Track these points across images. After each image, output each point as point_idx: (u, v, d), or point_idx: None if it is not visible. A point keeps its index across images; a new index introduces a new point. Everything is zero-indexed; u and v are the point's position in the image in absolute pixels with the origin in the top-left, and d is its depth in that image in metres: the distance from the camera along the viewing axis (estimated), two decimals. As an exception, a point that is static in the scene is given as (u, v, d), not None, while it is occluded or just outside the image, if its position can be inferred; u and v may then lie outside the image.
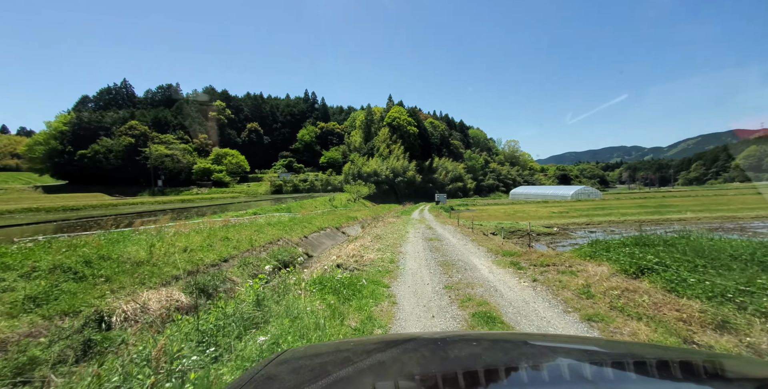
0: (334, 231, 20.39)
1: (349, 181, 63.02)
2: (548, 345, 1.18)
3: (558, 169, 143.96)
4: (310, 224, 18.56)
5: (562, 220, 22.05)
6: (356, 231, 23.96)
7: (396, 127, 79.75)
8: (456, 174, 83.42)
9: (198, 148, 71.42)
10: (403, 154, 75.18)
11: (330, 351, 1.24)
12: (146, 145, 60.04)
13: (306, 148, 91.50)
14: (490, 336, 1.45)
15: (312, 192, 65.54)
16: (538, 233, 15.53)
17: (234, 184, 68.37)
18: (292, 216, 19.52)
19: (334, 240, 18.51)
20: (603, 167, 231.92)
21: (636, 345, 1.44)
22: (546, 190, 60.65)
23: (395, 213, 30.92)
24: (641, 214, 24.11)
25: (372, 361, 1.02)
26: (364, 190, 53.70)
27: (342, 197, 46.63)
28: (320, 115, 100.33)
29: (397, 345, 1.17)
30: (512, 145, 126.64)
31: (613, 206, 33.02)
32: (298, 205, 26.95)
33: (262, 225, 13.78)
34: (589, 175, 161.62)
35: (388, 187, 66.80)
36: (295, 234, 15.22)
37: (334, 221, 22.83)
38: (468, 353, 1.06)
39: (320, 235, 17.91)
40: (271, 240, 12.50)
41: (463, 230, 14.58)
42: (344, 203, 44.53)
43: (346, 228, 23.01)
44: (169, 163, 61.72)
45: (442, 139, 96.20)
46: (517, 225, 17.41)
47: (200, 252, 8.95)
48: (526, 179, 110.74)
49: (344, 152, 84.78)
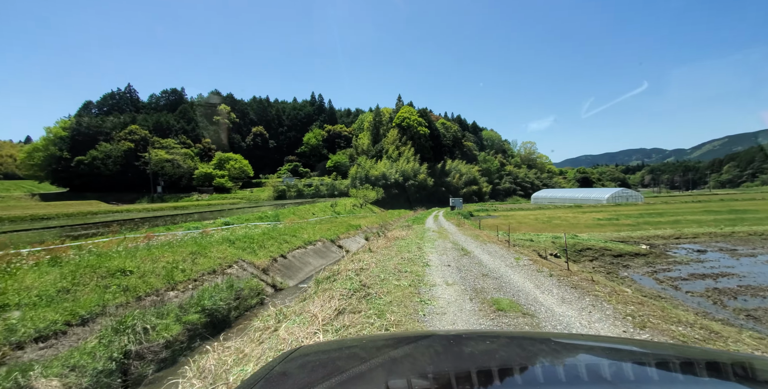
0: (327, 246, 15.91)
1: (356, 185, 58.82)
2: (566, 342, 1.12)
3: (578, 171, 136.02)
4: (295, 237, 14.15)
5: (623, 231, 16.91)
6: (358, 244, 19.41)
7: (406, 127, 75.52)
8: (470, 177, 78.14)
9: (200, 153, 69.01)
10: (414, 156, 70.66)
11: (343, 348, 1.22)
12: (146, 150, 57.76)
13: (312, 151, 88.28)
14: (506, 334, 1.39)
15: (317, 197, 61.70)
16: (618, 253, 10.58)
17: (236, 190, 65.31)
18: (272, 227, 15.17)
19: (324, 259, 14.01)
20: (623, 170, 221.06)
21: (658, 345, 1.36)
22: (576, 193, 54.51)
23: (405, 222, 26.19)
24: (724, 223, 18.64)
25: (385, 358, 0.99)
26: (372, 195, 49.30)
27: (347, 202, 42.31)
28: (327, 118, 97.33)
29: (410, 342, 1.15)
30: (528, 147, 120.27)
31: (671, 211, 27.33)
32: (290, 212, 22.69)
33: (210, 244, 9.40)
34: (609, 178, 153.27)
35: (398, 191, 62.21)
36: (266, 254, 10.81)
37: (331, 231, 18.41)
38: (483, 350, 1.03)
39: (306, 252, 13.44)
40: (216, 269, 8.11)
41: (513, 250, 9.84)
42: (349, 209, 40.18)
43: (345, 240, 18.50)
44: (170, 168, 59.21)
45: (454, 140, 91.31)
46: (577, 238, 12.49)
47: (32, 309, 4.60)
48: (545, 182, 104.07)
49: (351, 155, 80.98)
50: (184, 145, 66.39)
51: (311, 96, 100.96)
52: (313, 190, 65.47)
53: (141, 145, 59.34)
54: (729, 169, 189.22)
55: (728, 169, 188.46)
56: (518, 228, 21.93)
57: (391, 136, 74.99)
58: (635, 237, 13.71)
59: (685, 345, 1.66)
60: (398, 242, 11.48)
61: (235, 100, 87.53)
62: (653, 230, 15.45)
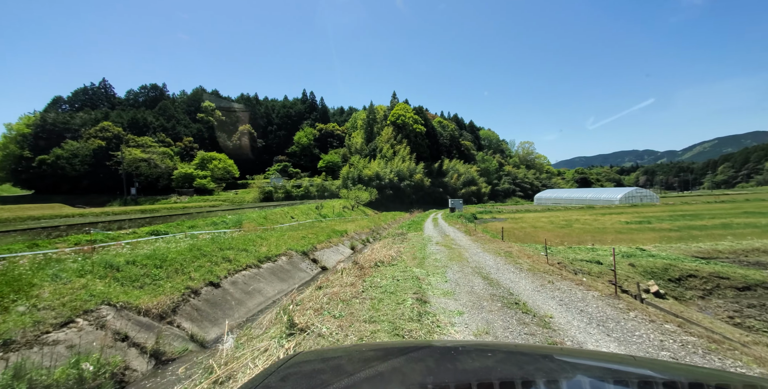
0: (295, 261, 11.89)
1: (348, 186, 54.83)
2: (569, 360, 1.09)
3: (577, 172, 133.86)
4: (246, 251, 10.14)
5: (679, 240, 13.21)
6: (340, 256, 15.37)
7: (401, 125, 71.85)
8: (469, 177, 74.66)
9: (181, 152, 64.39)
10: (410, 155, 66.94)
11: (343, 355, 1.23)
12: (119, 149, 53.07)
13: (303, 151, 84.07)
14: (505, 348, 1.37)
15: (306, 199, 57.52)
16: (743, 284, 6.65)
17: (219, 191, 60.75)
18: (214, 238, 11.09)
19: (286, 282, 9.99)
20: (617, 171, 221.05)
21: (667, 365, 1.30)
22: (584, 193, 51.04)
23: (398, 228, 22.26)
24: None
25: (385, 367, 0.99)
26: (365, 196, 45.35)
27: (335, 204, 38.26)
28: (319, 117, 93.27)
29: (409, 352, 1.15)
30: (527, 147, 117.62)
31: (707, 213, 23.81)
32: (260, 216, 18.60)
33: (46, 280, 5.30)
34: (606, 178, 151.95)
35: (393, 192, 58.31)
36: (176, 286, 6.76)
37: (306, 240, 14.43)
38: (483, 364, 1.03)
39: (257, 274, 9.40)
40: (19, 338, 4.02)
41: (594, 285, 5.98)
42: (338, 211, 36.15)
43: (324, 252, 14.50)
44: (146, 168, 54.54)
45: (451, 139, 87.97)
46: (651, 255, 8.63)
47: None
48: (544, 183, 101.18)
49: (344, 155, 77.00)
50: (163, 144, 61.78)
51: (302, 93, 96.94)
52: (303, 191, 61.24)
53: (114, 143, 54.66)
54: (724, 169, 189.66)
55: (723, 170, 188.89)
56: (536, 234, 18.17)
57: (385, 135, 71.22)
58: (725, 252, 9.92)
59: (695, 366, 1.55)
60: (381, 273, 6.96)
61: (221, 97, 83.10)
62: (727, 242, 11.46)
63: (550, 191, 66.73)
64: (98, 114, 58.38)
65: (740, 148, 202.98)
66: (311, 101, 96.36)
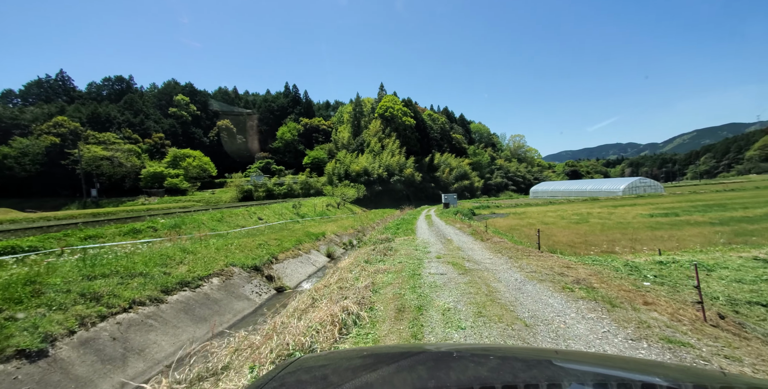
0: (237, 282, 8.33)
1: (334, 183, 51.08)
2: (568, 366, 1.07)
3: (567, 164, 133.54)
4: (144, 278, 6.47)
5: (726, 236, 10.25)
6: (308, 268, 11.84)
7: (389, 118, 68.29)
8: (461, 171, 71.91)
9: (151, 149, 59.13)
10: (399, 149, 63.55)
11: (343, 359, 1.23)
12: (76, 146, 47.68)
13: (287, 147, 79.44)
14: (502, 351, 1.34)
15: (290, 197, 53.44)
16: None
17: (193, 191, 55.96)
18: (97, 255, 7.39)
19: (203, 325, 6.40)
20: (603, 164, 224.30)
21: (670, 368, 1.26)
22: (583, 185, 48.69)
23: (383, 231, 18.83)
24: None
25: (385, 372, 1.00)
26: (351, 193, 41.81)
27: (318, 202, 34.55)
28: (304, 111, 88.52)
29: (407, 357, 1.15)
30: (517, 140, 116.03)
31: (727, 202, 21.20)
32: (213, 218, 14.80)
33: None
34: (594, 171, 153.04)
35: (382, 187, 54.83)
36: None
37: (265, 249, 10.88)
38: (484, 368, 1.04)
39: (149, 317, 5.76)
40: None
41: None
42: (321, 210, 32.49)
43: (286, 264, 10.95)
44: (108, 167, 49.36)
45: (442, 132, 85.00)
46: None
47: None
48: (536, 176, 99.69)
49: (330, 151, 72.91)
50: (129, 140, 56.44)
51: (285, 86, 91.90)
52: (286, 189, 57.06)
53: (70, 140, 49.18)
54: (706, 160, 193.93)
55: (705, 161, 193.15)
56: (550, 232, 15.10)
57: (373, 128, 67.54)
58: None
59: (700, 368, 1.47)
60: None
61: (195, 91, 77.49)
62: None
63: (546, 184, 64.53)
64: (52, 108, 52.57)
65: (717, 139, 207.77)
66: (295, 94, 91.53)
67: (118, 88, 69.56)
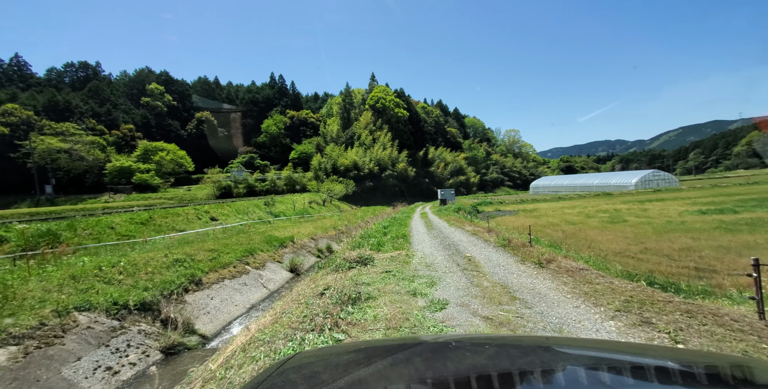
0: (86, 338, 4.28)
1: (320, 178, 46.95)
2: (563, 350, 1.12)
3: (562, 160, 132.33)
4: None
5: None
6: (250, 296, 7.99)
7: (381, 110, 64.23)
8: (457, 166, 68.56)
9: (119, 142, 53.84)
10: (391, 142, 59.65)
11: (342, 354, 1.23)
12: (28, 137, 42.29)
13: (273, 141, 74.65)
14: (499, 340, 1.36)
15: (273, 193, 49.08)
16: None
17: (166, 188, 51.10)
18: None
19: None
20: (594, 160, 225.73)
21: (656, 349, 1.31)
22: (590, 179, 45.72)
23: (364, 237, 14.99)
24: None
25: (384, 364, 1.01)
26: (339, 188, 37.91)
27: (299, 199, 30.52)
28: (291, 103, 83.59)
29: (406, 349, 1.16)
30: (512, 135, 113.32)
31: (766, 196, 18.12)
32: (135, 220, 10.73)
33: None
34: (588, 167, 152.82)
35: (373, 183, 50.93)
36: None
37: (190, 266, 6.85)
38: (481, 357, 1.06)
39: None
40: None
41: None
42: (303, 207, 28.46)
43: (209, 293, 6.99)
44: (66, 160, 44.11)
45: (436, 126, 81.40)
46: None
47: None
48: (532, 172, 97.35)
49: (319, 145, 68.52)
50: (93, 132, 51.03)
51: (270, 77, 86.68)
52: (269, 186, 52.63)
53: (22, 130, 43.71)
54: (694, 156, 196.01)
55: (693, 156, 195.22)
56: (585, 235, 11.65)
57: (363, 120, 63.42)
58: None
59: (683, 348, 1.58)
60: None
61: (172, 80, 71.79)
62: None
63: (548, 178, 61.67)
64: (2, 95, 46.79)
65: (702, 136, 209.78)
66: (281, 86, 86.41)
67: (83, 74, 63.47)
